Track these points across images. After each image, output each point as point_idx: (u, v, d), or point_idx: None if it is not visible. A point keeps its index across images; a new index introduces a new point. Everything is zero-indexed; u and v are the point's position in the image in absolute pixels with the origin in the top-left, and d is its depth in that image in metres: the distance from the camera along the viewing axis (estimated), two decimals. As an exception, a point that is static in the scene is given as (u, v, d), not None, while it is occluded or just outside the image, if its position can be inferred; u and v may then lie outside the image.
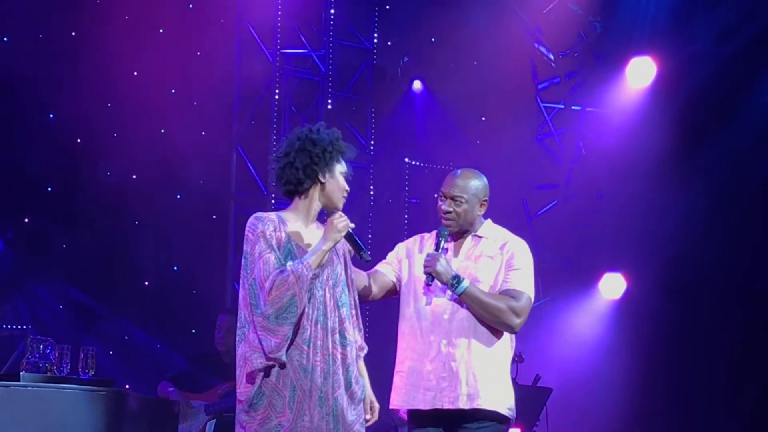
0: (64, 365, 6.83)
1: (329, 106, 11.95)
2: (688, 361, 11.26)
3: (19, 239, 11.61)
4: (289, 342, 4.81)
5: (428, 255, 5.35)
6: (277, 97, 11.63)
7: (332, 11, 12.03)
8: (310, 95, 12.09)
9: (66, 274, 11.63)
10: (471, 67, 12.46)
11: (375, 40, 12.40)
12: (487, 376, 5.23)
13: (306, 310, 4.86)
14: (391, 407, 5.46)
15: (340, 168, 5.09)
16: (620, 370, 11.49)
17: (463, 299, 5.26)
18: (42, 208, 11.50)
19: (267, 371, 4.81)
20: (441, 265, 5.29)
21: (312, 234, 5.04)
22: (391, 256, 5.65)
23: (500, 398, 5.25)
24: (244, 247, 4.92)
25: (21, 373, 6.60)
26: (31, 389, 6.54)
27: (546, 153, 12.82)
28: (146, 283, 11.77)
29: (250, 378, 4.81)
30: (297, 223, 5.02)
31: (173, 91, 11.66)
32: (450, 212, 5.44)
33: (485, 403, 5.20)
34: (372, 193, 12.26)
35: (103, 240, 11.56)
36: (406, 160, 12.68)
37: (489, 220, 5.57)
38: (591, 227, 12.29)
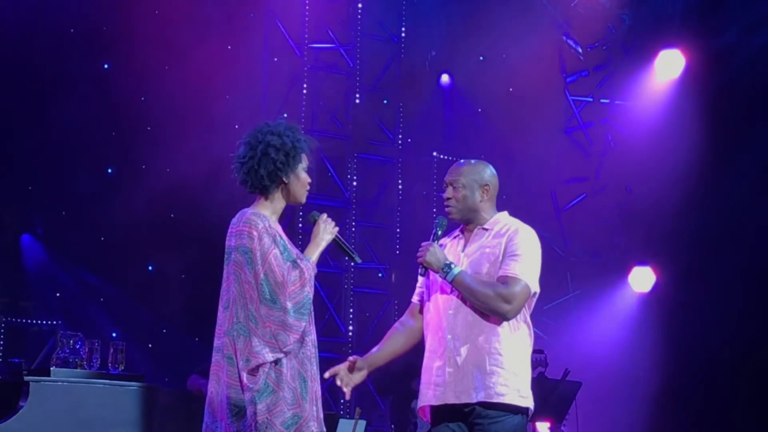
0: (95, 360, 6.89)
1: (357, 101, 11.98)
2: (718, 353, 11.21)
3: (52, 234, 11.71)
4: None
5: (421, 245, 5.36)
6: (305, 91, 11.67)
7: (360, 6, 12.06)
8: (338, 90, 12.11)
9: (99, 269, 11.72)
10: (499, 61, 12.44)
11: (403, 35, 12.40)
12: (493, 369, 5.20)
13: None
14: (418, 408, 5.46)
15: (303, 165, 5.13)
16: (650, 363, 11.46)
17: (455, 286, 5.27)
18: (76, 203, 11.60)
19: (274, 364, 4.86)
20: (431, 255, 5.30)
21: (281, 230, 5.13)
22: (419, 278, 5.62)
23: (509, 389, 5.21)
24: (241, 242, 4.91)
25: (51, 369, 6.66)
26: (62, 384, 6.60)
27: (575, 146, 12.81)
28: (183, 276, 11.82)
29: (256, 371, 4.83)
30: (272, 218, 5.09)
31: (205, 85, 11.74)
32: (449, 198, 5.45)
33: (493, 395, 5.19)
34: (400, 187, 12.28)
35: (137, 234, 11.64)
36: (435, 153, 12.68)
37: (504, 213, 5.50)
38: (620, 220, 12.27)
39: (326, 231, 5.12)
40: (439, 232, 5.46)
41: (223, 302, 4.98)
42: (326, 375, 5.33)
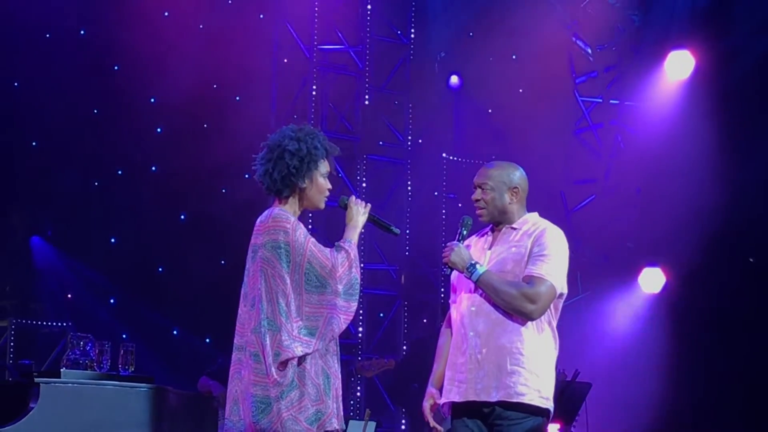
0: (105, 362, 6.91)
1: (366, 102, 11.98)
2: (728, 355, 11.20)
3: (62, 236, 11.73)
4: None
5: (447, 245, 5.37)
6: (314, 93, 11.69)
7: (369, 7, 12.06)
8: (347, 91, 12.13)
9: (110, 270, 11.74)
10: (508, 62, 12.45)
11: (412, 35, 12.41)
12: (514, 369, 5.19)
13: None
14: (441, 404, 5.47)
15: (322, 170, 5.13)
16: (660, 364, 11.44)
17: (480, 286, 5.28)
18: (86, 205, 11.62)
19: (299, 359, 4.86)
20: (455, 255, 5.33)
21: None
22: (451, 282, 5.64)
23: (530, 389, 5.20)
24: (272, 238, 4.92)
25: (62, 370, 6.68)
26: (72, 386, 6.61)
27: (584, 147, 12.79)
28: (193, 277, 11.84)
29: (285, 365, 4.83)
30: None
31: (215, 86, 11.76)
32: (478, 200, 5.46)
33: (512, 395, 5.18)
34: (409, 188, 12.27)
35: (147, 235, 11.66)
36: (444, 155, 12.69)
37: (534, 214, 5.51)
38: (630, 221, 12.25)
39: (359, 212, 5.19)
40: (465, 232, 5.49)
41: (249, 300, 4.97)
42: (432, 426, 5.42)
